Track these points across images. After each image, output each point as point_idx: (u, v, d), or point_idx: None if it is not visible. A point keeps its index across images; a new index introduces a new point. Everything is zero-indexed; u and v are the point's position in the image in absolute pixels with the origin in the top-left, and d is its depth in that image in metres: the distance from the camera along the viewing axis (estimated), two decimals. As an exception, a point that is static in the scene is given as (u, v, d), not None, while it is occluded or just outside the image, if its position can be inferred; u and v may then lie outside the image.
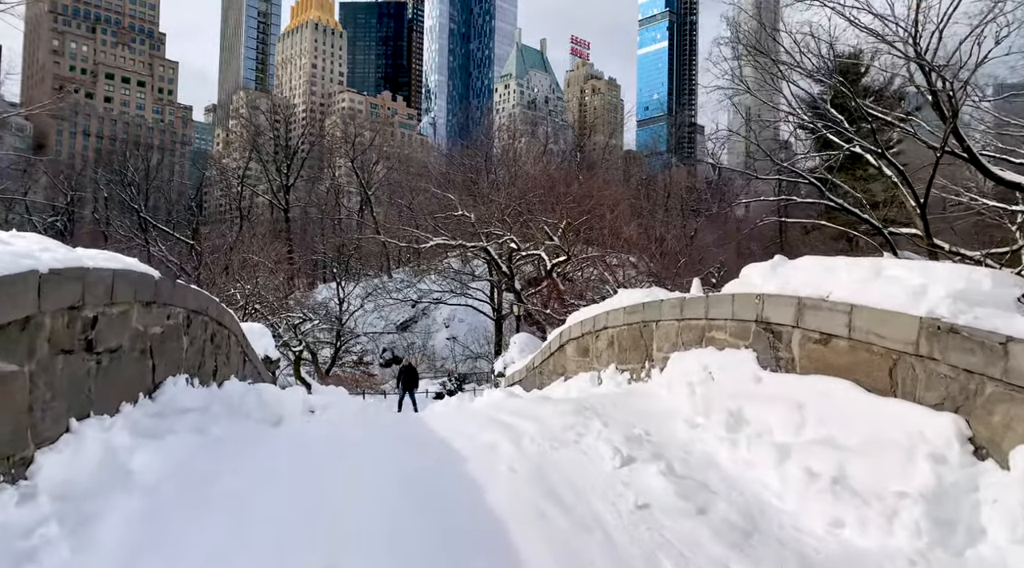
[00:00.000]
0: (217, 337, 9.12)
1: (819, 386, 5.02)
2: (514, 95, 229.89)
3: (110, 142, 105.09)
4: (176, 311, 7.25)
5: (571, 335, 10.96)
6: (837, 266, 5.26)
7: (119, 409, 5.49)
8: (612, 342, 9.37)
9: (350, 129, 76.56)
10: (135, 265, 6.02)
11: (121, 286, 5.39)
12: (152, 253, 56.84)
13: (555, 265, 30.19)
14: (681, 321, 7.40)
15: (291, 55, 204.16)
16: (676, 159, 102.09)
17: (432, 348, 55.52)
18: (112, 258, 5.66)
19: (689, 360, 6.98)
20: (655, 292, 8.93)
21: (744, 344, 6.16)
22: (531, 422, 6.65)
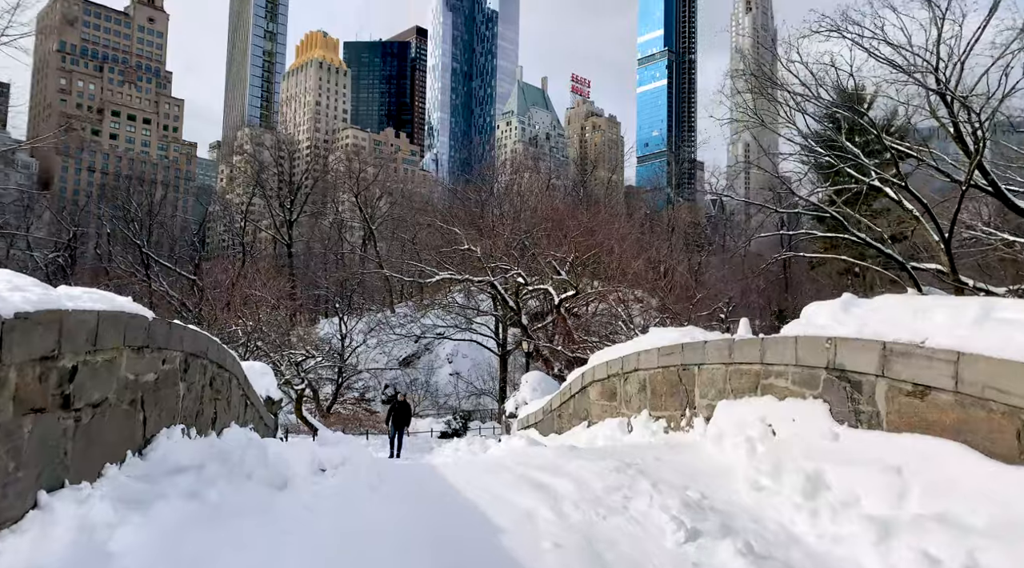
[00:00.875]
0: (217, 381, 8.41)
1: (919, 448, 4.28)
2: (515, 132, 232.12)
3: (114, 178, 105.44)
4: (172, 355, 6.56)
5: (595, 376, 10.21)
6: (930, 307, 4.57)
7: (102, 472, 4.76)
8: (644, 386, 8.63)
9: (354, 164, 76.74)
10: (125, 305, 5.34)
11: (108, 330, 4.71)
12: (154, 289, 56.27)
13: (563, 300, 29.51)
14: (730, 365, 6.69)
15: (296, 93, 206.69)
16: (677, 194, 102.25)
17: (435, 384, 54.62)
18: (100, 298, 5.00)
19: (742, 410, 6.25)
20: (692, 332, 8.22)
21: (812, 394, 5.45)
22: (567, 481, 5.91)
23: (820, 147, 20.57)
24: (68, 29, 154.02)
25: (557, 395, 12.17)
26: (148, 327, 5.59)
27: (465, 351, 55.87)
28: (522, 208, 44.69)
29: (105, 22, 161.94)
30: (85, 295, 4.83)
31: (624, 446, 7.80)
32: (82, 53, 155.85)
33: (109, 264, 67.98)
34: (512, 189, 54.36)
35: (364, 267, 70.00)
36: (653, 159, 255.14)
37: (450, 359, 57.88)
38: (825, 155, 20.06)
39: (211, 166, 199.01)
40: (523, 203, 47.00)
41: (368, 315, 56.11)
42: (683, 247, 61.02)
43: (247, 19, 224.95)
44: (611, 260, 32.99)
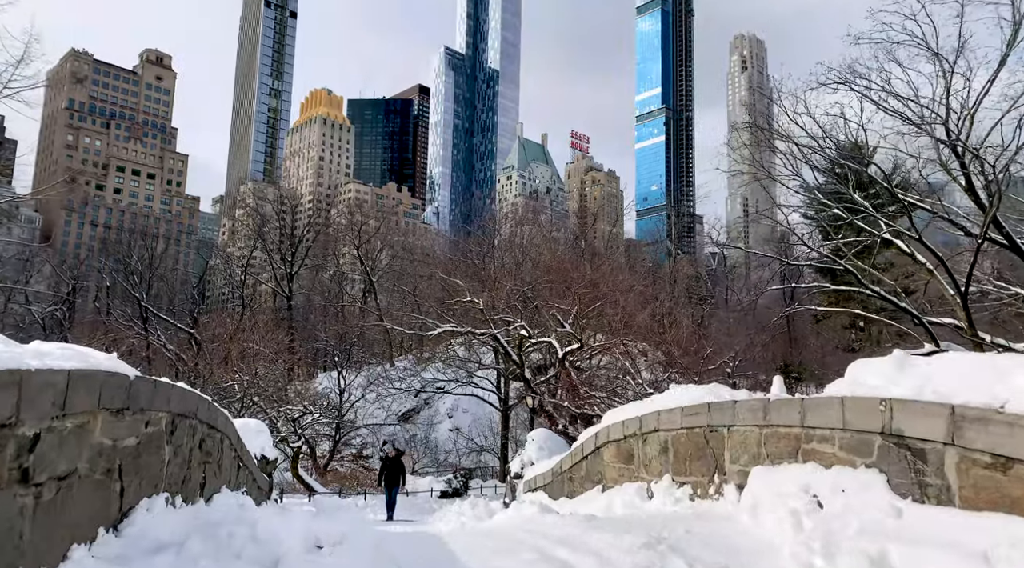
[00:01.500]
0: (207, 442, 7.82)
1: (1009, 531, 3.71)
2: (516, 186, 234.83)
3: (116, 232, 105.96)
4: (158, 416, 6.01)
5: (610, 437, 9.59)
6: (1009, 368, 4.06)
7: (67, 555, 4.17)
8: (666, 448, 8.03)
9: (356, 217, 77.11)
10: (103, 362, 4.83)
11: (80, 391, 4.19)
12: (151, 342, 55.64)
13: (567, 353, 28.88)
14: (765, 428, 6.14)
15: (299, 148, 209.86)
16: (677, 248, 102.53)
17: (435, 440, 53.35)
18: (74, 354, 4.50)
19: (781, 478, 5.67)
20: (717, 390, 7.68)
21: (864, 462, 4.89)
22: (591, 560, 5.29)
23: (828, 199, 20.32)
24: (77, 87, 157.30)
25: (568, 456, 11.49)
26: (129, 386, 5.07)
27: (465, 406, 54.81)
28: (524, 260, 44.45)
29: (114, 80, 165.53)
30: (58, 351, 4.33)
31: (647, 516, 7.16)
32: (90, 110, 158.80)
33: (107, 318, 67.49)
34: (514, 241, 54.28)
35: (364, 319, 69.48)
36: (652, 213, 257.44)
37: (450, 414, 56.75)
38: (833, 207, 19.81)
39: (213, 220, 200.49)
40: (525, 255, 46.80)
41: (367, 369, 55.28)
42: (686, 300, 60.59)
43: (253, 77, 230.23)
44: (615, 313, 32.49)
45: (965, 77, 16.55)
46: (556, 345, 30.23)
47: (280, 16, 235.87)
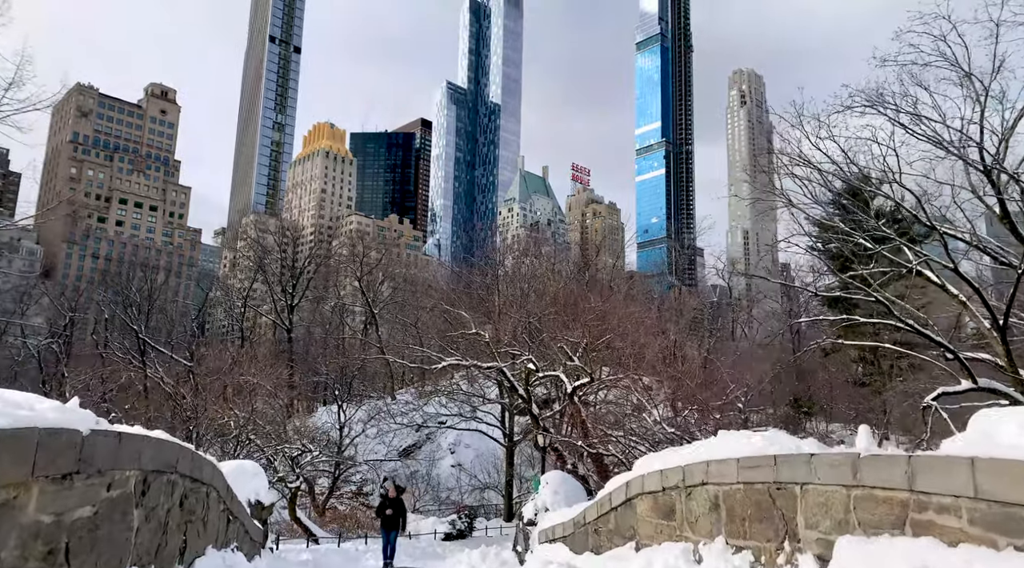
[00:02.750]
0: (190, 499, 6.76)
1: None
2: (517, 218, 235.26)
3: (116, 264, 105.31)
4: (124, 476, 4.98)
5: (645, 488, 8.50)
6: None
7: None
8: (717, 505, 6.96)
9: (357, 248, 76.50)
10: (45, 415, 3.82)
11: (6, 455, 3.20)
12: (149, 375, 54.49)
13: (576, 388, 27.72)
14: (854, 489, 5.10)
15: (302, 180, 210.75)
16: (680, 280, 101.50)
17: (437, 477, 51.72)
18: (6, 403, 3.51)
19: (884, 553, 4.61)
20: (778, 438, 6.63)
21: (1015, 544, 3.86)
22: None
23: (849, 227, 19.38)
24: (82, 120, 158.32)
25: (592, 506, 10.38)
26: (81, 443, 4.06)
27: (467, 441, 53.36)
28: (528, 291, 43.50)
29: (118, 113, 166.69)
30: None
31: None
32: (94, 143, 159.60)
33: (105, 350, 66.32)
34: (518, 273, 53.42)
35: (365, 352, 68.30)
36: (653, 246, 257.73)
37: (452, 449, 55.23)
38: (857, 236, 18.88)
39: (215, 252, 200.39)
40: (530, 287, 45.87)
41: (368, 402, 53.94)
42: (692, 333, 59.45)
43: (257, 111, 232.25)
44: (624, 346, 31.41)
45: (999, 99, 15.82)
46: (564, 379, 29.11)
47: (284, 51, 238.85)
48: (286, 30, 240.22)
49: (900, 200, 15.43)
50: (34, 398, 4.02)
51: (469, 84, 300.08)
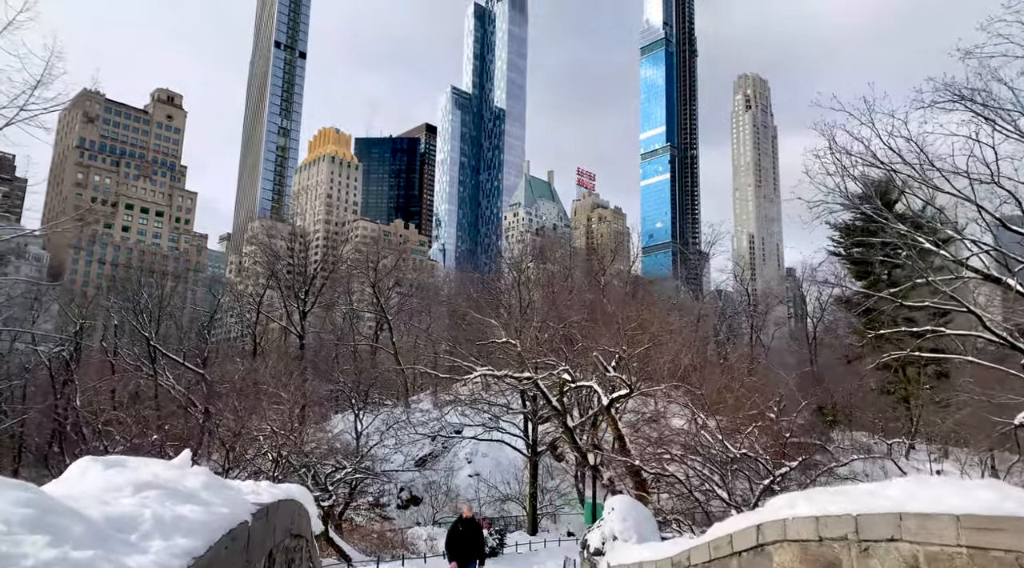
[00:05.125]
0: (296, 562, 5.82)
1: None
2: (522, 223, 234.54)
3: (124, 270, 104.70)
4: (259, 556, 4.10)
5: (788, 534, 7.50)
6: None
7: None
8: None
9: (371, 254, 75.73)
10: (218, 507, 2.95)
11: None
12: (160, 383, 53.64)
13: (614, 400, 26.80)
14: None
15: (308, 185, 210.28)
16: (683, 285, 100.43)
17: (456, 488, 50.72)
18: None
19: None
20: (1005, 490, 5.68)
21: None
22: None
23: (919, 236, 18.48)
24: (88, 126, 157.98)
25: (699, 547, 9.42)
26: (247, 539, 3.11)
27: (485, 450, 52.39)
28: (554, 300, 42.59)
29: (124, 119, 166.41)
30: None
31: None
32: (100, 149, 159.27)
33: (115, 358, 65.55)
34: (539, 278, 52.53)
35: (376, 358, 67.45)
36: (658, 250, 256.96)
37: (469, 459, 54.23)
38: (923, 242, 17.99)
39: (220, 258, 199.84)
40: (549, 293, 44.97)
41: (383, 410, 53.02)
42: (713, 341, 58.55)
43: (262, 116, 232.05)
44: (659, 355, 30.52)
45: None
46: (599, 389, 28.21)
47: (289, 56, 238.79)
48: (291, 35, 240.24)
49: (1003, 201, 14.43)
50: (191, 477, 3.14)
51: (474, 89, 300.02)
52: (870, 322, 38.66)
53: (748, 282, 74.80)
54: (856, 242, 41.57)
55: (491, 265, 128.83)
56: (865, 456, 29.33)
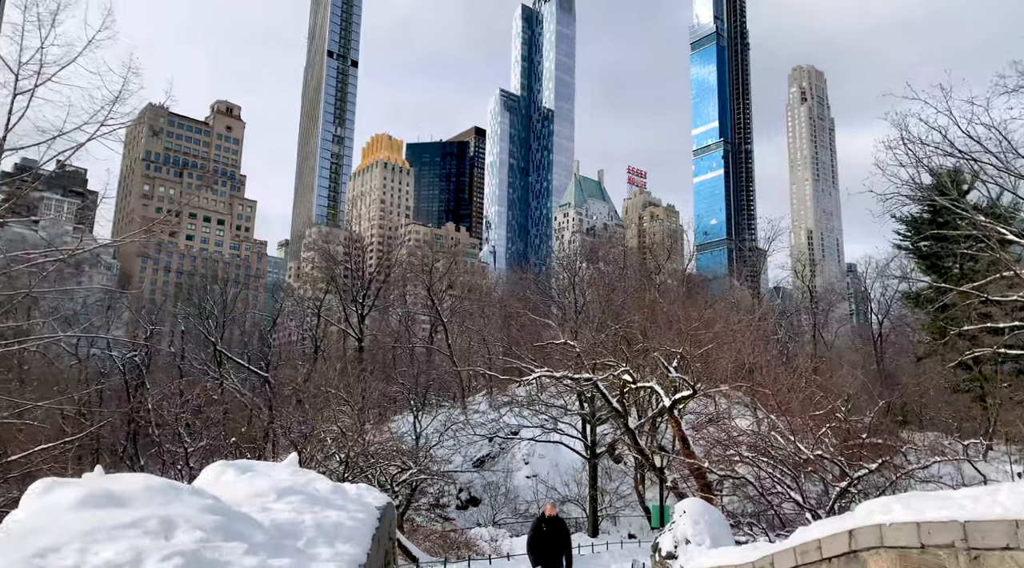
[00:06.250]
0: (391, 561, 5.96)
1: None
2: (573, 223, 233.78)
3: (189, 277, 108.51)
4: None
5: (885, 540, 7.26)
6: None
7: None
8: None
9: (426, 258, 76.72)
10: (355, 513, 3.03)
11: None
12: (225, 386, 55.29)
13: (676, 401, 26.42)
14: None
15: (362, 192, 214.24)
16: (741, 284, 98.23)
17: (515, 489, 50.78)
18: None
19: None
20: None
21: None
22: None
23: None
24: (153, 140, 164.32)
25: (786, 552, 9.21)
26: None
27: (542, 451, 52.37)
28: (609, 300, 42.30)
29: (187, 131, 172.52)
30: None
31: None
32: (165, 161, 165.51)
33: (183, 362, 67.96)
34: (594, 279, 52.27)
35: (432, 360, 68.20)
36: (712, 248, 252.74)
37: (526, 460, 54.27)
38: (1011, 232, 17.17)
39: (279, 264, 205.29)
40: (610, 295, 44.65)
41: (440, 412, 53.54)
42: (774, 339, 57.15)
43: (317, 124, 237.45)
44: (720, 355, 29.97)
45: None
46: (660, 391, 27.86)
47: (342, 66, 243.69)
48: (343, 45, 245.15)
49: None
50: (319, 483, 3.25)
51: (522, 91, 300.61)
52: (945, 318, 37.11)
53: (808, 279, 72.66)
54: (931, 235, 40.02)
55: (542, 266, 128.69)
56: (942, 458, 28.21)
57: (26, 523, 1.82)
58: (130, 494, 1.98)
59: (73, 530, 1.73)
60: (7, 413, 19.28)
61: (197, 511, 1.90)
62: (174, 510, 1.86)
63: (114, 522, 1.80)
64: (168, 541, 1.77)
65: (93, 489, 1.97)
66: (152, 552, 1.71)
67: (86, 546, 1.70)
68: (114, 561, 1.65)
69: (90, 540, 1.70)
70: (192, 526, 1.84)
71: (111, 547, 1.72)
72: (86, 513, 1.84)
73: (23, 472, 19.90)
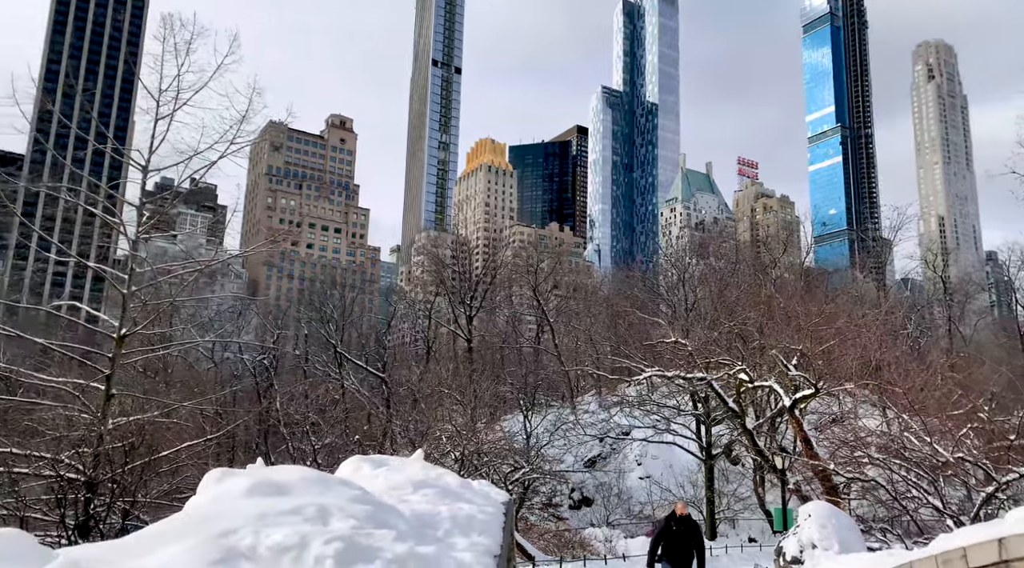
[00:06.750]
0: (512, 555, 6.12)
1: None
2: (680, 218, 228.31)
3: (310, 284, 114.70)
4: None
5: None
6: None
7: None
8: None
9: (530, 258, 77.37)
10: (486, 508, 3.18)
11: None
12: (346, 387, 57.93)
13: (797, 400, 25.27)
14: None
15: (467, 196, 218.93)
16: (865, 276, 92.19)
17: (628, 490, 50.23)
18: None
19: None
20: None
21: None
22: None
23: None
24: (275, 155, 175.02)
25: (926, 560, 8.64)
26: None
27: (655, 452, 51.49)
28: (721, 296, 41.04)
29: (304, 145, 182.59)
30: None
31: None
32: (285, 174, 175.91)
33: (306, 364, 72.02)
34: (707, 275, 50.87)
35: (540, 360, 68.61)
36: (832, 240, 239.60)
37: (639, 461, 53.52)
38: None
39: (392, 269, 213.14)
40: (722, 291, 43.30)
41: (549, 412, 53.74)
42: (906, 335, 53.49)
43: (423, 132, 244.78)
44: (843, 352, 28.39)
45: None
46: (779, 390, 26.75)
47: (446, 73, 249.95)
48: (447, 53, 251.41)
49: None
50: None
51: (625, 86, 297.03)
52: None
53: (941, 269, 67.56)
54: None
55: (649, 263, 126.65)
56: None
57: (205, 508, 2.09)
58: (290, 483, 2.20)
59: (246, 515, 1.96)
60: (157, 413, 21.17)
61: (348, 500, 2.08)
62: (328, 499, 2.06)
63: (279, 509, 2.01)
64: (326, 527, 1.96)
65: (259, 479, 2.22)
66: (315, 536, 1.90)
67: (259, 529, 1.92)
68: (284, 543, 1.86)
69: (261, 524, 1.92)
70: (345, 514, 2.02)
71: (279, 531, 1.94)
72: (255, 500, 2.08)
73: (172, 466, 21.78)
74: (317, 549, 1.86)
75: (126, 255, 22.05)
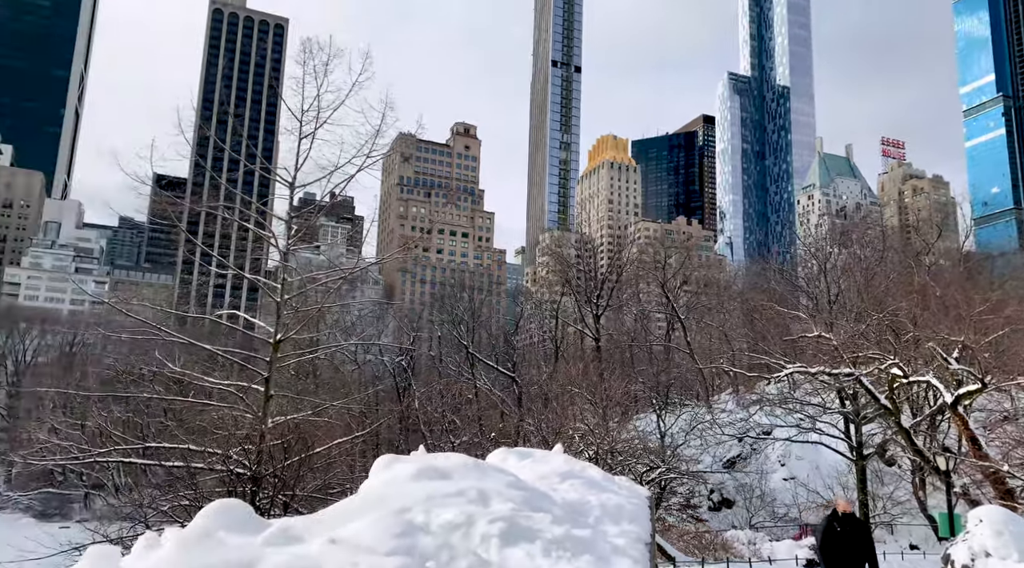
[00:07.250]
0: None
1: None
2: (819, 205, 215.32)
3: (442, 287, 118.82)
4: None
5: None
6: None
7: None
8: None
9: (657, 254, 75.92)
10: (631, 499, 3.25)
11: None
12: (479, 386, 59.46)
13: (961, 396, 23.16)
14: None
15: (590, 194, 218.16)
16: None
17: (771, 492, 48.07)
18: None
19: None
20: None
21: None
22: None
23: None
24: (405, 165, 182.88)
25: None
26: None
27: (799, 452, 48.90)
28: (868, 287, 38.36)
29: (431, 154, 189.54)
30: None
31: None
32: (415, 183, 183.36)
33: (440, 364, 74.72)
34: (849, 265, 47.80)
35: (672, 358, 67.07)
36: (995, 221, 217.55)
37: (782, 461, 51.06)
38: None
39: (517, 270, 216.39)
40: (869, 281, 40.49)
41: (684, 410, 52.38)
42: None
43: (544, 133, 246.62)
44: (1015, 343, 25.71)
45: None
46: (938, 385, 24.63)
47: (566, 73, 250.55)
48: (566, 53, 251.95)
49: None
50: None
51: (753, 71, 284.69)
52: None
53: None
54: None
55: (786, 254, 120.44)
56: None
57: (378, 490, 2.34)
58: (451, 469, 2.39)
59: (416, 496, 2.17)
60: (309, 412, 22.73)
61: (504, 486, 2.23)
62: (487, 484, 2.22)
63: (444, 491, 2.21)
64: (487, 508, 2.12)
65: (423, 464, 2.43)
66: (480, 516, 2.07)
67: (429, 508, 2.12)
68: (453, 521, 2.04)
69: (430, 504, 2.12)
70: (504, 498, 2.16)
71: (447, 511, 2.14)
72: (421, 483, 2.29)
73: (323, 462, 23.32)
74: (483, 527, 2.02)
75: (276, 266, 23.67)
